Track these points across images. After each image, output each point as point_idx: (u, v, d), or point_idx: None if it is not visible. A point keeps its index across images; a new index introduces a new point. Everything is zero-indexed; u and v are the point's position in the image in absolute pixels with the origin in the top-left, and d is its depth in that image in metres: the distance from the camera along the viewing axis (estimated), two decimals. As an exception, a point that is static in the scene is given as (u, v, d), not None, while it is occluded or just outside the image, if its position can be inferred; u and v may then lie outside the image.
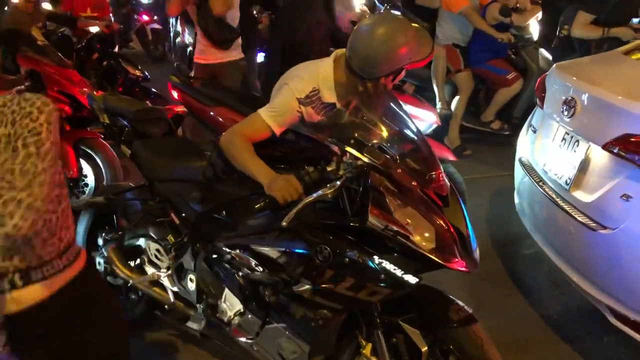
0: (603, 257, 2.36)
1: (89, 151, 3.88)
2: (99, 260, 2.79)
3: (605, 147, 2.37)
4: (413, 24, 2.04)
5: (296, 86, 2.08)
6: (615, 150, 2.32)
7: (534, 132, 3.17)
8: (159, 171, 2.49)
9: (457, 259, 1.70)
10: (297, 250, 1.80)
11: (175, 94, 4.04)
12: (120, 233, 2.71)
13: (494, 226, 4.02)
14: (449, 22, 5.41)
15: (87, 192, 3.88)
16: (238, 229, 2.03)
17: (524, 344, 2.76)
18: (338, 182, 1.71)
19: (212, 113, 3.77)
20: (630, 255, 2.20)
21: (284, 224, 1.72)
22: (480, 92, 5.77)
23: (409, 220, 1.68)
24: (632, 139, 2.27)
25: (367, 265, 1.69)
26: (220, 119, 3.70)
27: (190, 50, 8.03)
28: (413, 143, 1.85)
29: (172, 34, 8.96)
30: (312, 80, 2.09)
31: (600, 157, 2.46)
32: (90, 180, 3.90)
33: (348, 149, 1.74)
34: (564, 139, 2.75)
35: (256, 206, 1.81)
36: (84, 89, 3.86)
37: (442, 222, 1.72)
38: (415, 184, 1.75)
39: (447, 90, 5.61)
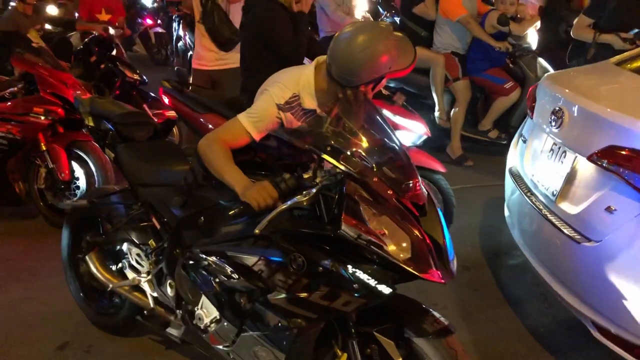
0: (587, 270, 2.33)
1: (82, 154, 3.88)
2: (81, 264, 2.79)
3: (590, 158, 2.34)
4: (395, 33, 2.02)
5: (276, 92, 2.08)
6: (600, 162, 2.29)
7: (524, 142, 3.15)
8: (142, 175, 2.49)
9: (432, 270, 1.68)
10: (271, 258, 1.79)
11: (166, 100, 4.05)
12: (103, 237, 2.70)
13: (487, 236, 4.00)
14: (447, 30, 5.40)
15: (78, 194, 3.88)
16: (215, 236, 2.02)
17: (510, 356, 2.73)
18: (314, 190, 1.71)
19: (202, 119, 3.77)
20: (612, 269, 2.18)
21: (256, 231, 1.72)
22: (478, 100, 5.76)
23: (384, 230, 1.66)
24: (617, 151, 2.24)
25: (340, 274, 1.67)
26: (210, 126, 3.69)
27: (191, 54, 8.10)
28: (391, 151, 1.83)
29: (174, 38, 9.01)
30: (293, 86, 2.09)
31: (586, 169, 2.44)
32: (82, 182, 3.90)
33: (324, 156, 1.73)
34: (552, 149, 2.73)
35: (230, 213, 1.81)
36: (78, 92, 3.87)
37: (417, 232, 1.71)
38: (391, 192, 1.74)
39: (445, 99, 5.60)
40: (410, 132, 3.76)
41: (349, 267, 1.66)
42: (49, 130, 3.87)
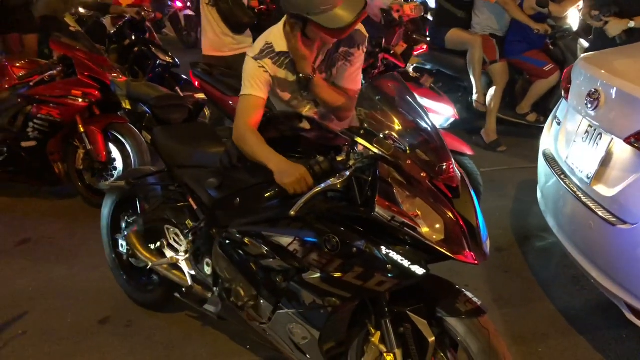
0: (622, 253, 2.32)
1: (118, 136, 3.97)
2: (121, 242, 2.88)
3: (627, 140, 2.32)
4: None
5: (251, 50, 2.20)
6: (637, 145, 2.27)
7: (559, 124, 3.12)
8: (178, 157, 2.55)
9: (465, 251, 1.70)
10: (306, 239, 1.83)
11: (196, 83, 4.11)
12: (141, 216, 2.78)
13: (518, 219, 3.99)
14: (485, 12, 5.32)
15: (115, 175, 3.99)
16: (250, 216, 2.07)
17: (541, 337, 2.74)
18: (347, 173, 1.73)
19: (230, 102, 3.83)
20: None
21: (292, 213, 1.76)
22: (517, 83, 5.66)
23: (418, 212, 1.68)
24: (656, 133, 2.22)
25: (374, 255, 1.70)
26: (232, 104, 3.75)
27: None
28: (424, 134, 1.84)
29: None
30: (264, 38, 2.19)
31: (622, 151, 2.41)
32: (119, 164, 4.00)
33: (358, 139, 1.75)
34: (587, 131, 2.71)
35: (266, 195, 1.85)
36: (114, 75, 3.95)
37: (450, 214, 1.72)
38: (425, 175, 1.75)
39: (483, 80, 5.52)
40: (437, 114, 3.76)
41: (383, 248, 1.69)
42: (86, 112, 3.97)
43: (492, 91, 5.35)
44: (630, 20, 3.98)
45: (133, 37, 5.51)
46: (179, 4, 10.70)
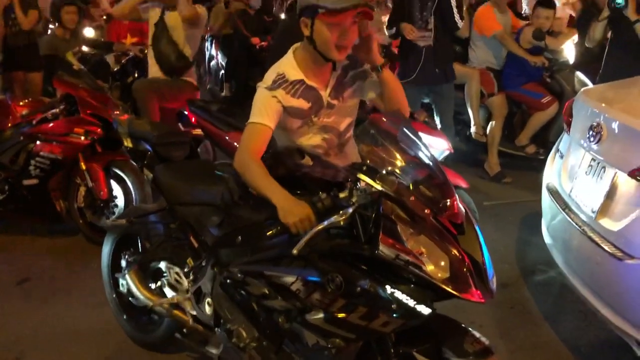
0: (630, 288, 2.29)
1: (120, 173, 3.97)
2: (121, 281, 2.84)
3: (631, 174, 2.31)
4: None
5: (262, 82, 2.18)
6: (642, 178, 2.26)
7: (561, 157, 3.11)
8: (179, 195, 2.53)
9: (472, 289, 1.66)
10: (309, 278, 1.80)
11: (192, 119, 4.14)
12: (142, 255, 2.75)
13: (524, 253, 3.95)
14: (482, 46, 5.39)
15: (117, 213, 3.97)
16: (252, 255, 2.04)
17: (550, 376, 2.68)
18: (350, 210, 1.71)
19: (227, 138, 3.84)
20: (658, 288, 2.13)
21: (294, 251, 1.73)
22: (515, 116, 5.69)
23: (422, 249, 1.66)
24: (660, 167, 2.20)
25: (378, 294, 1.67)
26: (236, 144, 3.76)
27: (222, 73, 8.24)
28: (427, 169, 1.83)
29: (207, 57, 9.16)
30: (275, 69, 2.18)
31: (627, 185, 2.40)
32: (120, 201, 3.98)
33: (360, 175, 1.73)
34: (590, 165, 2.69)
35: (268, 233, 1.83)
36: (116, 112, 3.97)
37: (456, 251, 1.69)
38: (429, 211, 1.73)
39: (481, 114, 5.56)
40: (432, 148, 3.76)
41: (387, 287, 1.66)
42: (88, 149, 3.98)
43: (491, 124, 5.38)
44: None
45: (136, 75, 5.57)
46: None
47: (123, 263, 2.86)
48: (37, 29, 6.64)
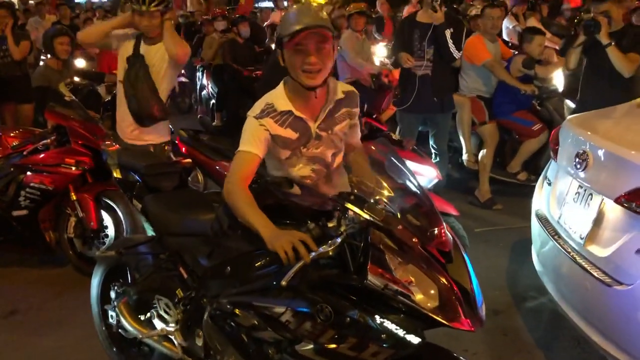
0: (619, 314, 2.30)
1: (110, 203, 3.96)
2: (110, 313, 2.81)
3: (617, 200, 2.34)
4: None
5: (251, 110, 2.22)
6: (628, 205, 2.29)
7: (549, 184, 3.14)
8: (168, 225, 2.53)
9: (461, 318, 1.67)
10: (298, 309, 1.79)
11: (183, 148, 4.15)
12: (131, 287, 2.73)
13: (515, 279, 3.95)
14: (472, 75, 5.47)
15: (107, 242, 3.95)
16: (241, 285, 2.02)
17: (543, 404, 2.67)
18: (338, 239, 1.72)
19: (217, 167, 3.85)
20: (647, 314, 2.14)
21: (283, 283, 1.72)
22: (506, 143, 5.75)
23: (410, 279, 1.66)
24: (645, 193, 2.24)
25: (368, 325, 1.67)
26: (226, 173, 3.77)
27: (213, 103, 8.30)
28: (414, 198, 1.85)
29: (198, 87, 9.23)
30: (265, 99, 2.23)
31: (613, 211, 2.43)
32: (111, 231, 3.97)
33: (348, 205, 1.74)
34: (577, 192, 2.73)
35: (257, 264, 1.83)
36: (107, 143, 3.98)
37: (444, 280, 1.70)
38: (417, 240, 1.74)
39: (472, 141, 5.62)
40: (421, 176, 3.79)
41: (377, 317, 1.66)
42: (79, 180, 3.97)
43: (483, 152, 5.43)
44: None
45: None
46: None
47: (112, 294, 2.83)
48: (29, 60, 6.69)
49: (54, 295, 3.79)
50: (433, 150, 5.10)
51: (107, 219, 3.97)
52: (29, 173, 3.92)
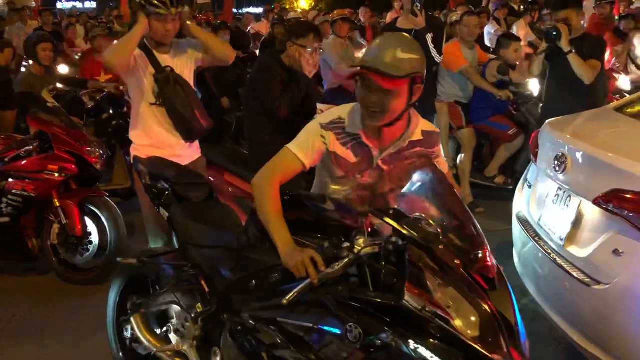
0: (598, 314, 2.34)
1: (95, 209, 3.95)
2: (125, 326, 2.70)
3: (595, 202, 2.39)
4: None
5: (321, 116, 2.12)
6: (605, 206, 2.34)
7: (530, 187, 3.20)
8: (193, 236, 2.43)
9: (503, 350, 1.52)
10: (325, 328, 1.69)
11: None
12: (149, 298, 2.63)
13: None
14: (449, 81, 5.54)
15: (91, 249, 3.93)
16: (264, 301, 1.92)
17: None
18: (346, 259, 1.64)
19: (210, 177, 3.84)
20: (623, 311, 2.19)
21: (284, 302, 1.63)
22: (484, 147, 5.84)
23: (450, 303, 1.53)
24: (622, 195, 2.29)
25: (401, 350, 1.53)
26: (211, 179, 3.77)
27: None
28: (457, 217, 1.72)
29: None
30: (339, 112, 2.10)
31: (591, 212, 2.48)
32: (95, 238, 3.95)
33: (387, 220, 1.64)
34: (557, 194, 2.78)
35: (271, 280, 1.79)
36: (91, 149, 3.97)
37: (487, 308, 1.56)
38: (459, 262, 1.62)
39: (450, 146, 5.70)
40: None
41: (411, 342, 1.53)
42: (62, 186, 3.95)
43: (461, 156, 5.53)
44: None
45: (111, 111, 5.57)
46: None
47: (129, 306, 2.73)
48: (10, 66, 6.63)
49: (37, 303, 3.76)
50: None
51: (91, 226, 3.95)
52: (10, 180, 3.89)
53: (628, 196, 2.27)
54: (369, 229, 1.74)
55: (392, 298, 1.57)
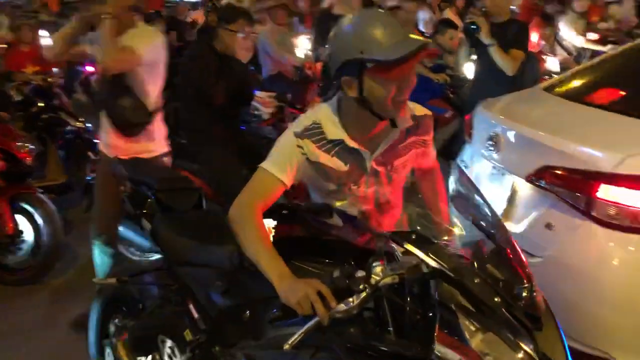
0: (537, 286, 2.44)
1: (27, 207, 3.78)
2: (107, 350, 2.45)
3: (528, 179, 2.49)
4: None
5: (295, 124, 1.82)
6: (537, 182, 2.44)
7: (466, 167, 3.28)
8: (180, 252, 2.12)
9: None
10: None
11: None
12: (132, 322, 2.36)
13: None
14: (387, 65, 5.62)
15: (24, 249, 3.77)
16: (262, 337, 1.64)
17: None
18: (362, 294, 1.33)
19: None
20: (557, 282, 2.29)
21: (286, 347, 1.34)
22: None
23: (488, 351, 1.30)
24: (552, 171, 2.39)
25: None
26: None
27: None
28: (495, 241, 1.46)
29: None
30: (312, 116, 1.80)
31: (524, 189, 2.58)
32: (29, 236, 3.78)
33: (408, 247, 1.36)
34: (492, 173, 2.87)
35: (270, 316, 1.49)
36: (19, 144, 3.80)
37: (533, 354, 1.33)
38: (499, 300, 1.34)
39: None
40: None
41: None
42: (-11, 183, 3.77)
43: None
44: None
45: (41, 104, 5.35)
46: (89, 69, 10.51)
47: (111, 328, 2.46)
48: None
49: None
50: None
51: (24, 224, 3.78)
52: None
53: (558, 172, 2.38)
54: (386, 254, 1.46)
55: (420, 350, 1.30)
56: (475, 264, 1.39)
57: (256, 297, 1.72)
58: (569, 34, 7.20)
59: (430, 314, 1.32)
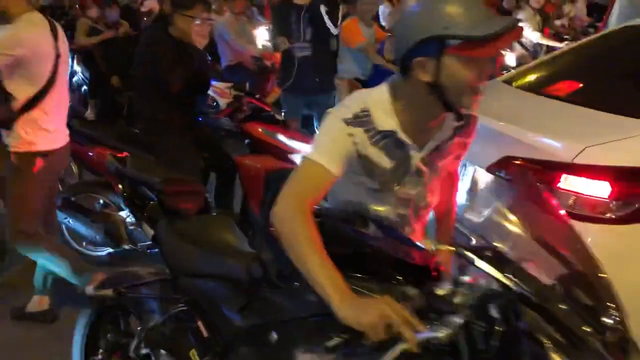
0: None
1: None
2: None
3: (489, 169, 2.49)
4: None
5: (340, 109, 1.56)
6: (497, 172, 2.45)
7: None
8: (187, 262, 1.92)
9: None
10: None
11: None
12: (128, 337, 2.14)
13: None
14: (348, 58, 5.60)
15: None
16: None
17: None
18: (458, 320, 1.16)
19: (90, 154, 3.60)
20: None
21: None
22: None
23: None
24: (512, 161, 2.40)
25: None
26: (102, 160, 3.53)
27: (85, 89, 7.78)
28: (579, 261, 1.29)
29: (69, 73, 8.63)
30: (359, 103, 1.55)
31: (485, 179, 2.59)
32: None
33: (480, 265, 1.18)
34: (453, 163, 2.87)
35: (328, 344, 1.20)
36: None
37: None
38: (590, 330, 1.16)
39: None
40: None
41: None
42: None
43: None
44: None
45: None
46: None
47: (102, 344, 2.25)
48: None
49: None
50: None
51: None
52: None
53: (518, 162, 2.39)
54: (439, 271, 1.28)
55: None
56: (561, 287, 1.22)
57: (285, 317, 1.51)
58: (526, 29, 7.34)
59: (514, 345, 1.16)
